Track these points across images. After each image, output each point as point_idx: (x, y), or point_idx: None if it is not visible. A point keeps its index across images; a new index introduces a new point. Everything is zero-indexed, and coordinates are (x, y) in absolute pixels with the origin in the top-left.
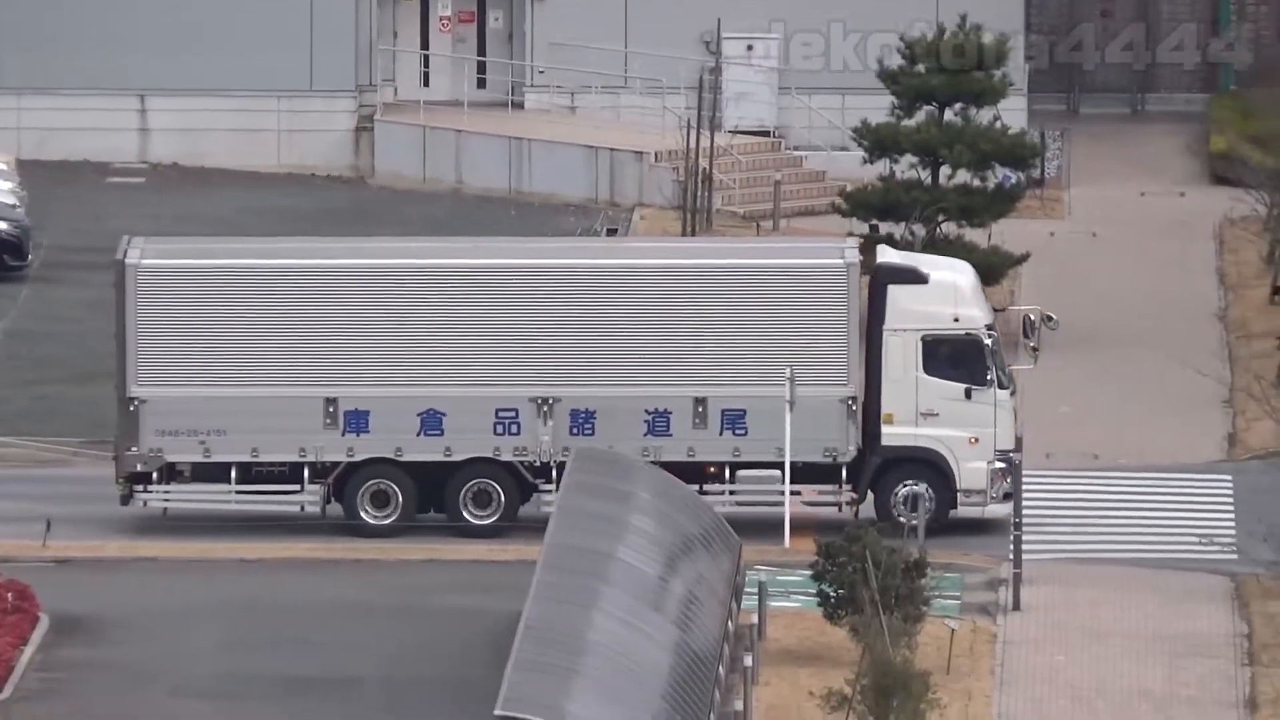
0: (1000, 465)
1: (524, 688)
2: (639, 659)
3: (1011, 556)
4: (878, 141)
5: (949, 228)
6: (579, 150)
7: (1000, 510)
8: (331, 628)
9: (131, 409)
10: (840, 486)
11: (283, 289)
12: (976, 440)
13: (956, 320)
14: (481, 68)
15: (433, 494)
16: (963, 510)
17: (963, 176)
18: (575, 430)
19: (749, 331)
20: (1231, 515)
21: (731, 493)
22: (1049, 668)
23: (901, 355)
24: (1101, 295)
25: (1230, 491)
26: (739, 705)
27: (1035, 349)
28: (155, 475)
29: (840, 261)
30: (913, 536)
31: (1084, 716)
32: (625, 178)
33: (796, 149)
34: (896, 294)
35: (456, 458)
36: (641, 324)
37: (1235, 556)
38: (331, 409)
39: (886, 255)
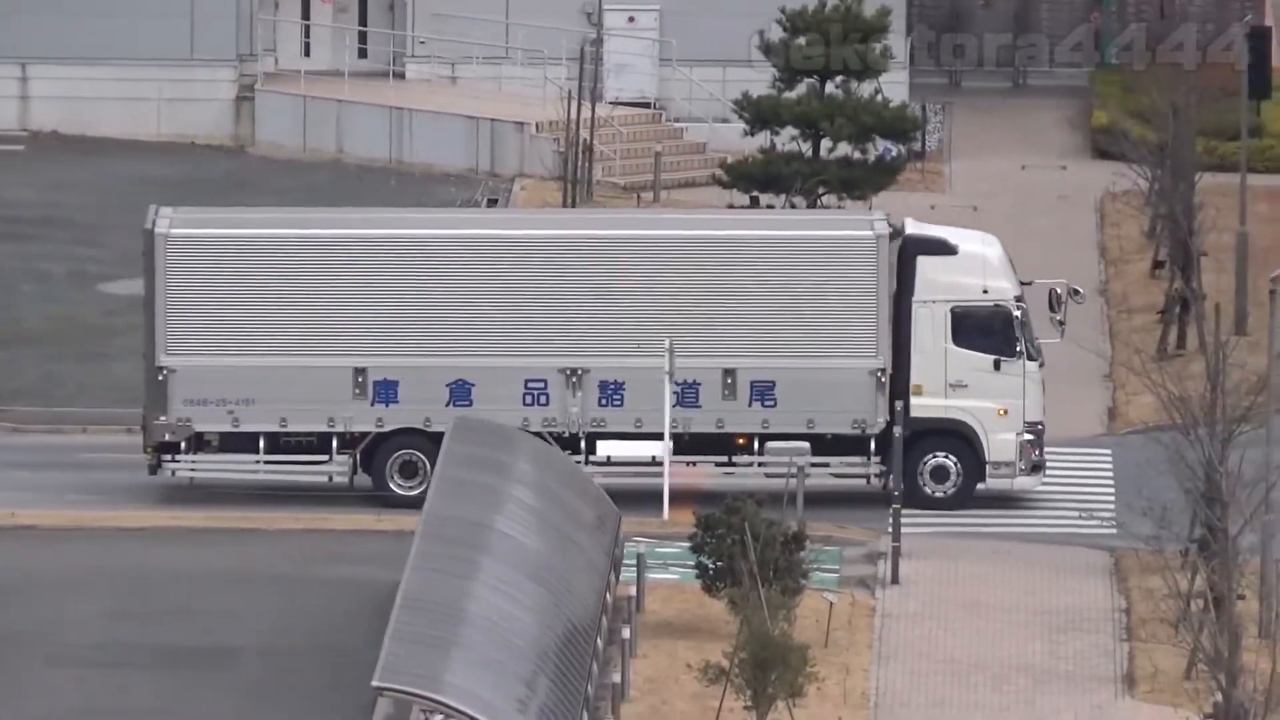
0: (1029, 437)
1: (402, 659)
2: (517, 630)
3: (890, 530)
4: (758, 114)
5: (830, 200)
6: (460, 121)
7: (1029, 483)
8: (211, 597)
9: (160, 378)
10: (869, 459)
11: (312, 259)
12: (1005, 412)
13: (986, 291)
14: (363, 38)
15: None
16: (991, 483)
17: (844, 149)
18: (604, 401)
19: (778, 303)
20: (1111, 489)
21: (760, 464)
22: (927, 641)
23: (930, 327)
24: None
25: (1110, 466)
26: (616, 678)
27: (1061, 322)
28: (183, 445)
29: (870, 233)
30: (791, 508)
31: (961, 690)
32: (506, 148)
33: (677, 121)
34: (925, 265)
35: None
36: (670, 295)
37: (1115, 531)
38: (360, 379)
39: (915, 226)
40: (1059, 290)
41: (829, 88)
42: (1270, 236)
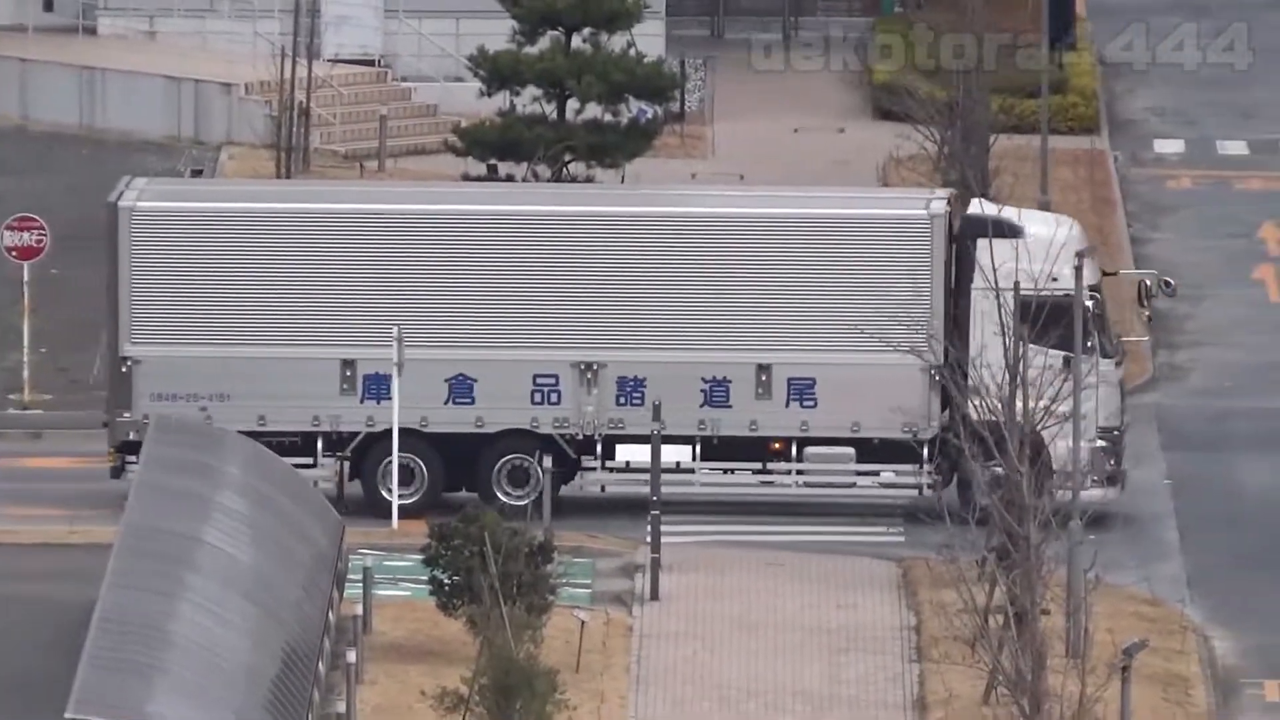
0: (1101, 444)
1: (98, 687)
2: (228, 654)
3: (649, 539)
4: (496, 71)
5: (577, 168)
6: (159, 82)
7: (1099, 494)
8: None
9: (124, 370)
10: (922, 466)
11: (295, 236)
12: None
13: (1054, 280)
14: None
15: (463, 470)
16: (1058, 496)
17: (593, 111)
18: (623, 399)
19: (820, 291)
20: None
21: (799, 473)
22: (691, 664)
23: (992, 319)
24: None
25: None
26: (341, 706)
27: (1150, 318)
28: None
29: (924, 212)
30: (537, 516)
31: (731, 718)
32: (211, 113)
33: (405, 80)
34: (987, 249)
35: (489, 429)
36: (698, 281)
37: (902, 539)
38: (349, 373)
39: (978, 206)
40: (1148, 282)
41: (576, 41)
42: (1074, 204)
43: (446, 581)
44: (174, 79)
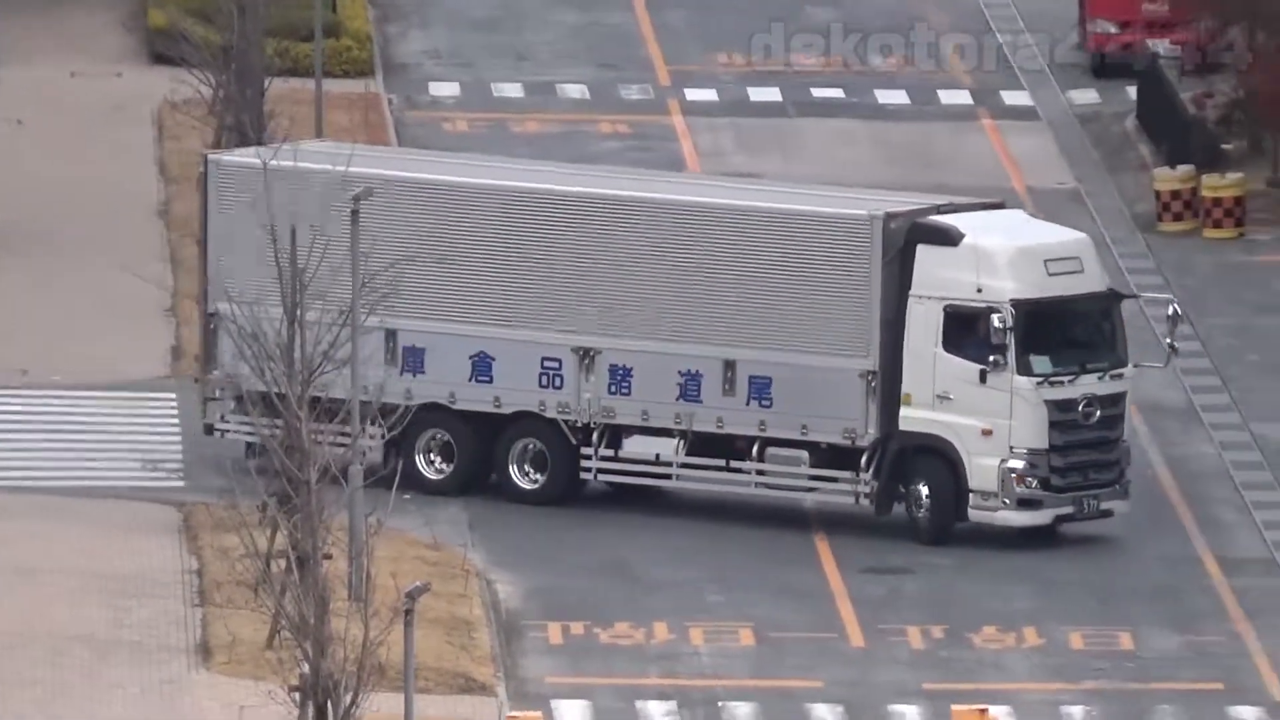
0: (1017, 465)
1: None
2: None
3: None
4: None
5: None
6: None
7: (1015, 518)
8: None
9: (211, 326)
10: (859, 474)
11: (388, 204)
12: (990, 432)
13: (980, 290)
14: None
15: (490, 450)
16: (974, 515)
17: None
18: (613, 388)
19: (770, 288)
20: (179, 437)
21: (759, 473)
22: None
23: (924, 327)
24: (32, 191)
25: (175, 411)
26: None
27: (1173, 346)
28: (234, 404)
29: (864, 213)
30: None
31: (11, 666)
32: None
33: None
34: (925, 256)
35: (505, 410)
36: (669, 269)
37: (183, 483)
38: (391, 343)
39: (934, 214)
40: (1177, 309)
41: None
42: None
43: None
44: None
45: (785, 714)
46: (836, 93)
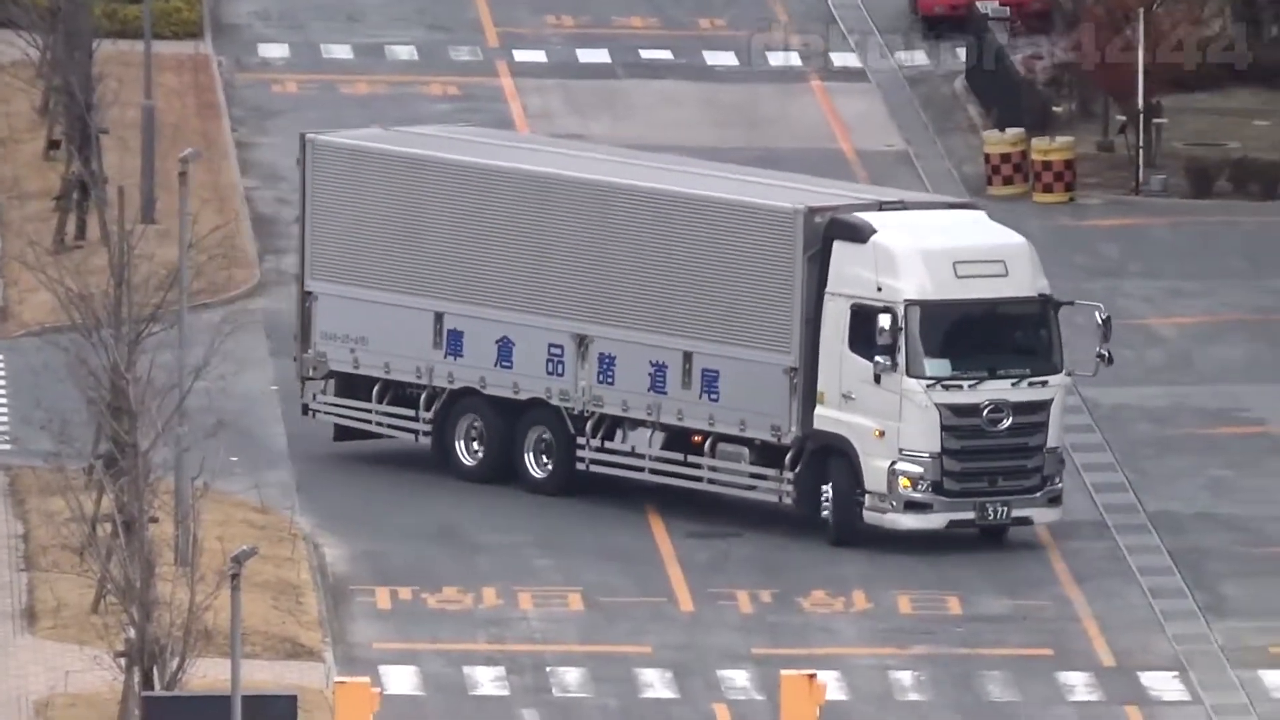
0: (905, 468)
1: None
2: None
3: None
4: None
5: None
6: None
7: (904, 521)
8: None
9: (306, 305)
10: (781, 472)
11: (425, 185)
12: (882, 434)
13: (880, 290)
14: None
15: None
16: (868, 517)
17: None
18: (601, 377)
19: (706, 280)
20: (4, 400)
21: (712, 468)
22: None
23: (835, 325)
24: None
25: (1, 373)
26: None
27: (1100, 355)
28: (324, 384)
29: (788, 205)
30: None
31: None
32: None
33: None
34: (840, 253)
35: (522, 396)
36: (640, 257)
37: (10, 447)
38: (438, 326)
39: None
40: (1102, 314)
41: None
42: (179, 111)
43: None
44: None
45: (614, 679)
46: (665, 54)
